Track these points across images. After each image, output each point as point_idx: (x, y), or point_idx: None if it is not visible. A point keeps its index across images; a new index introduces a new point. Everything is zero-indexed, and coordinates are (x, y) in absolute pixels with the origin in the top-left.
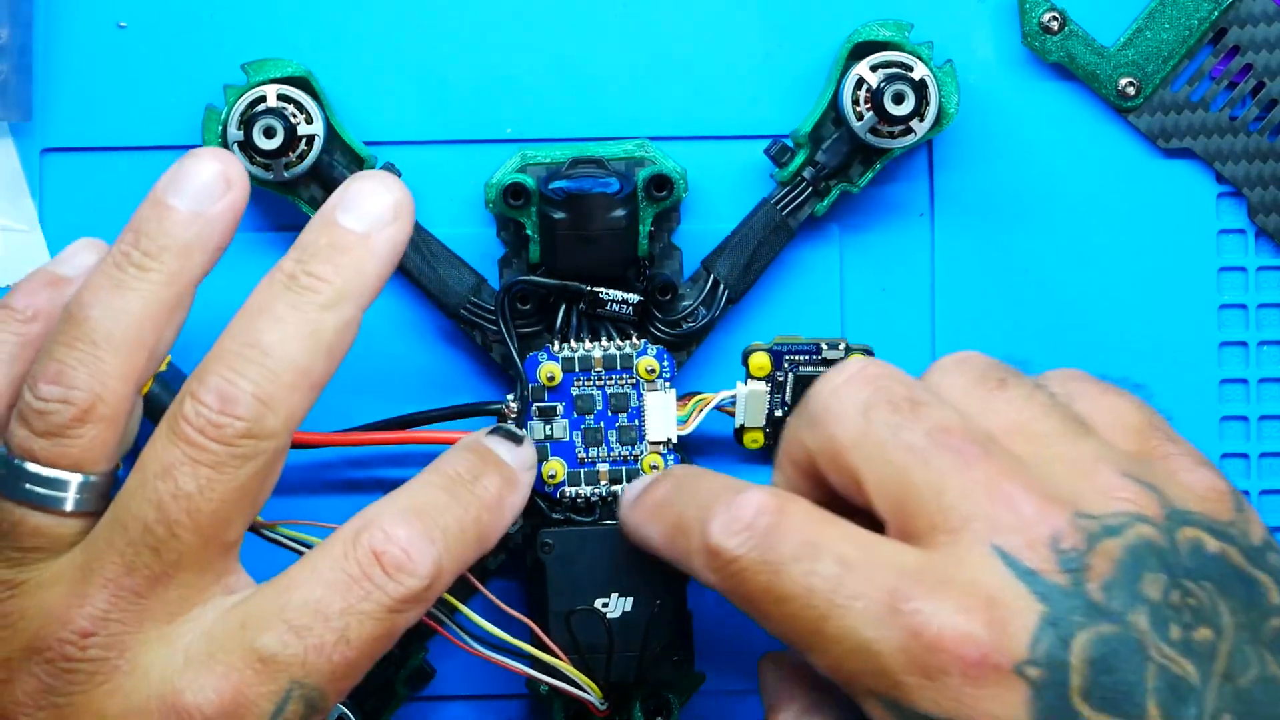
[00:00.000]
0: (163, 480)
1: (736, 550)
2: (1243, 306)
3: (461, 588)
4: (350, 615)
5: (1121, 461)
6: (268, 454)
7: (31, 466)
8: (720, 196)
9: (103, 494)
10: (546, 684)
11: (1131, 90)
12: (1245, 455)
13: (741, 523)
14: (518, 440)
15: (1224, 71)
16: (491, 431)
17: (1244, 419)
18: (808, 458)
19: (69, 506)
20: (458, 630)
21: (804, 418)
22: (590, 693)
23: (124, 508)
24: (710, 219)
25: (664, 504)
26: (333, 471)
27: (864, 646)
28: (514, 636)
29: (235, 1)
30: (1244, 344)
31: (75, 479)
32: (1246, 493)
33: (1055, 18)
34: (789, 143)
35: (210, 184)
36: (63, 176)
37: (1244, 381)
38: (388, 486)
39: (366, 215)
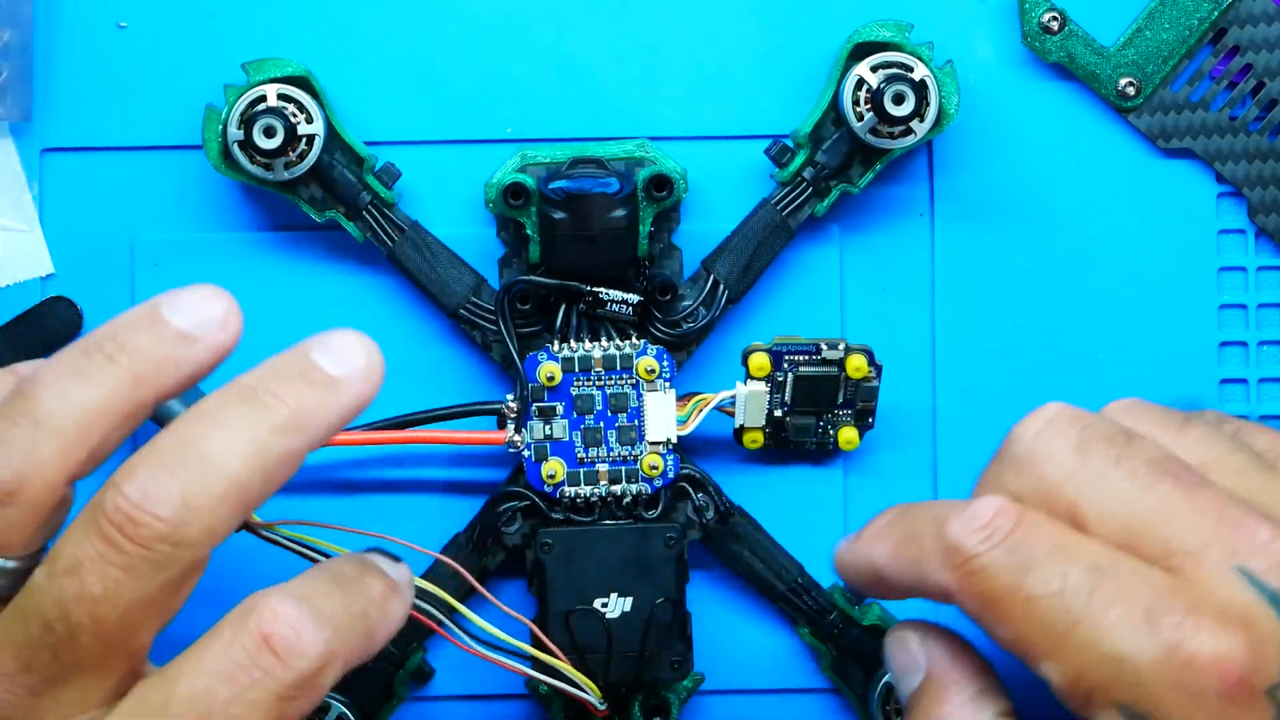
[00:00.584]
0: (69, 577)
1: (979, 547)
2: (1243, 307)
3: (461, 588)
4: (238, 705)
5: None
6: (183, 564)
7: None
8: (720, 197)
9: (14, 582)
10: (546, 684)
11: (1131, 90)
12: None
13: (981, 522)
14: (396, 559)
15: (1224, 71)
16: (369, 550)
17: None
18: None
19: None
20: (457, 630)
21: (1006, 463)
22: (589, 693)
23: (28, 601)
24: (710, 219)
25: (890, 524)
26: (331, 471)
27: (1117, 656)
28: (513, 637)
29: (235, 1)
30: (1244, 344)
31: None
32: None
33: (1055, 18)
34: (789, 143)
35: (211, 317)
36: (63, 176)
37: (1244, 382)
38: (387, 487)
39: (343, 363)
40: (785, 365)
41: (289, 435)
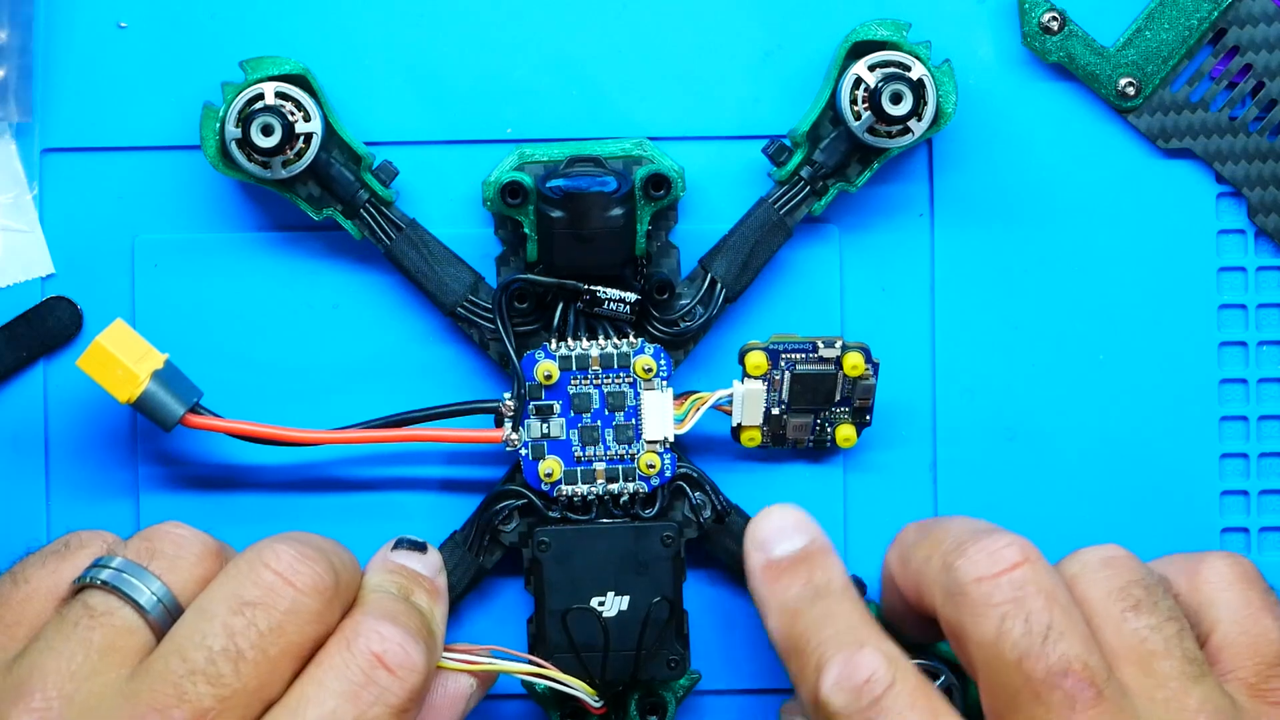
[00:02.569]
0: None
1: (842, 710)
2: (1242, 307)
3: (459, 584)
4: None
5: (1223, 713)
6: None
7: None
8: (718, 196)
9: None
10: (542, 685)
11: (1131, 90)
12: (1245, 455)
13: (853, 683)
14: (422, 549)
15: (1224, 71)
16: (396, 546)
17: (1244, 419)
18: (928, 600)
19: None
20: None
21: (943, 579)
22: (585, 695)
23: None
24: (708, 218)
25: (795, 609)
26: (329, 469)
27: None
28: (511, 635)
29: (235, 2)
30: (1244, 344)
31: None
32: (1245, 494)
33: (1055, 18)
34: (787, 142)
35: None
36: (63, 176)
37: (1244, 381)
38: (384, 485)
39: None
40: (782, 363)
41: None
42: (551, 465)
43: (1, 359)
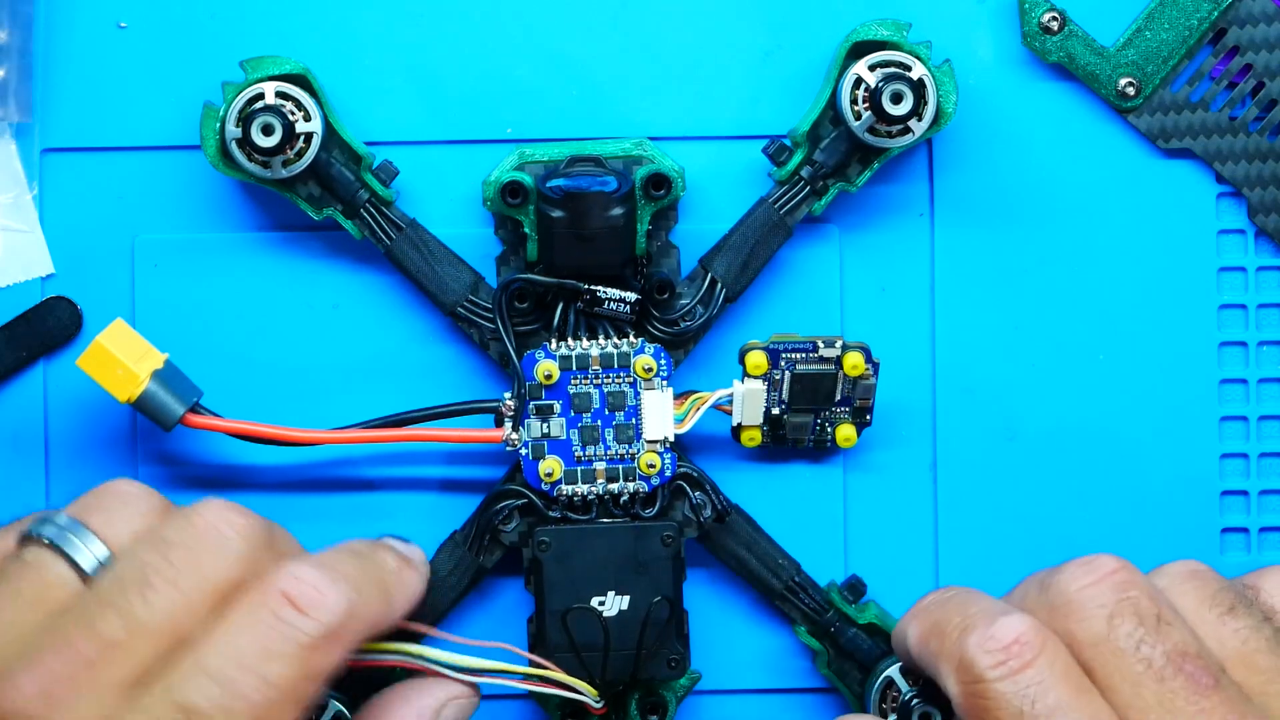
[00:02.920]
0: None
1: (989, 673)
2: (1242, 307)
3: (458, 585)
4: (266, 656)
5: None
6: None
7: None
8: (718, 195)
9: None
10: (543, 691)
11: (1131, 90)
12: (1245, 455)
13: (998, 643)
14: (407, 542)
15: (1224, 71)
16: (381, 537)
17: (1244, 419)
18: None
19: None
20: (443, 665)
21: (1044, 598)
22: (586, 694)
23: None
24: (708, 218)
25: (928, 607)
26: (329, 469)
27: None
28: (509, 636)
29: (235, 2)
30: (1244, 344)
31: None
32: (1245, 494)
33: (1055, 18)
34: (787, 142)
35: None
36: (63, 176)
37: (1244, 382)
38: (384, 485)
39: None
40: (782, 363)
41: None
42: (552, 465)
43: (1, 359)
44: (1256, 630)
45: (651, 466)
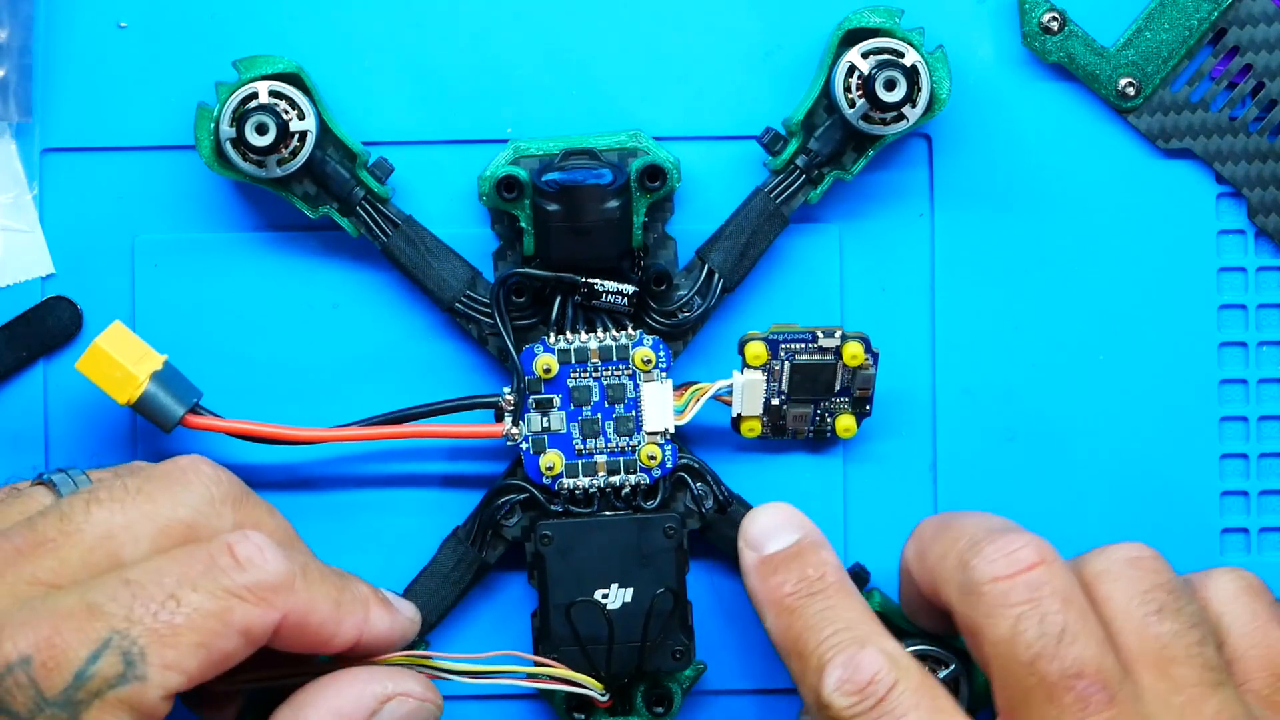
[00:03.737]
0: None
1: (845, 712)
2: (1242, 307)
3: (462, 580)
4: (185, 582)
5: None
6: None
7: None
8: (714, 186)
9: None
10: (549, 688)
11: (1131, 90)
12: (1245, 455)
13: (857, 684)
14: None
15: (1224, 72)
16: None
17: (1244, 419)
18: (943, 595)
19: None
20: (446, 669)
21: (960, 577)
22: (591, 688)
23: None
24: (704, 208)
25: (791, 605)
26: (330, 468)
27: None
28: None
29: (235, 2)
30: (1243, 344)
31: None
32: (1245, 494)
33: (1055, 18)
34: (782, 131)
35: None
36: (63, 176)
37: (1243, 382)
38: (385, 482)
39: None
40: (782, 354)
41: None
42: (552, 459)
43: (1, 359)
44: (1179, 637)
45: (652, 458)
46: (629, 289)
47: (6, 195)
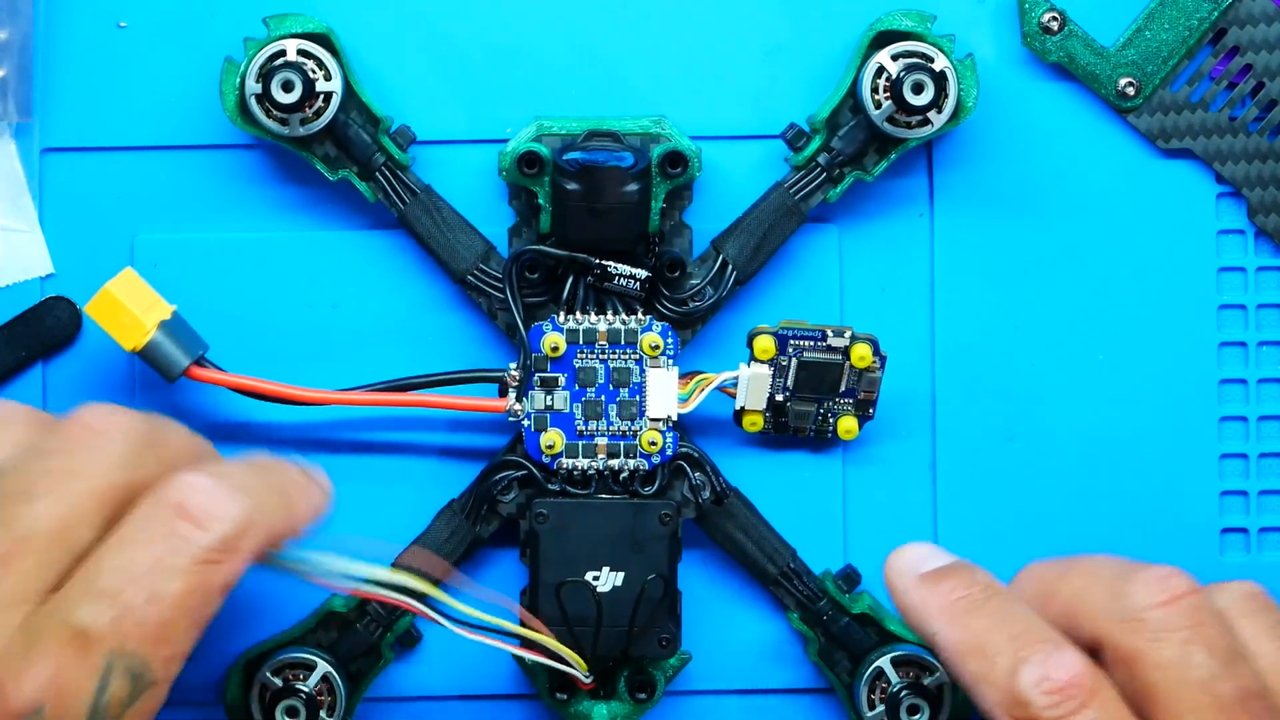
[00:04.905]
0: None
1: (1043, 712)
2: (1242, 307)
3: (455, 552)
4: (158, 570)
5: None
6: None
7: None
8: (734, 177)
9: None
10: (532, 659)
11: (1131, 90)
12: (1245, 455)
13: (1056, 684)
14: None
15: (1224, 72)
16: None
17: (1243, 419)
18: (1087, 629)
19: None
20: (439, 611)
21: (1114, 606)
22: (576, 666)
23: None
24: (722, 199)
25: (967, 607)
26: (330, 431)
27: None
28: (503, 605)
29: (235, 2)
30: (1243, 344)
31: None
32: (1245, 494)
33: (1055, 18)
34: (805, 127)
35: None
36: (63, 176)
37: (1243, 382)
38: (385, 449)
39: None
40: (790, 350)
41: None
42: (553, 437)
43: (1, 359)
44: None
45: (653, 444)
46: (642, 274)
47: (6, 195)
